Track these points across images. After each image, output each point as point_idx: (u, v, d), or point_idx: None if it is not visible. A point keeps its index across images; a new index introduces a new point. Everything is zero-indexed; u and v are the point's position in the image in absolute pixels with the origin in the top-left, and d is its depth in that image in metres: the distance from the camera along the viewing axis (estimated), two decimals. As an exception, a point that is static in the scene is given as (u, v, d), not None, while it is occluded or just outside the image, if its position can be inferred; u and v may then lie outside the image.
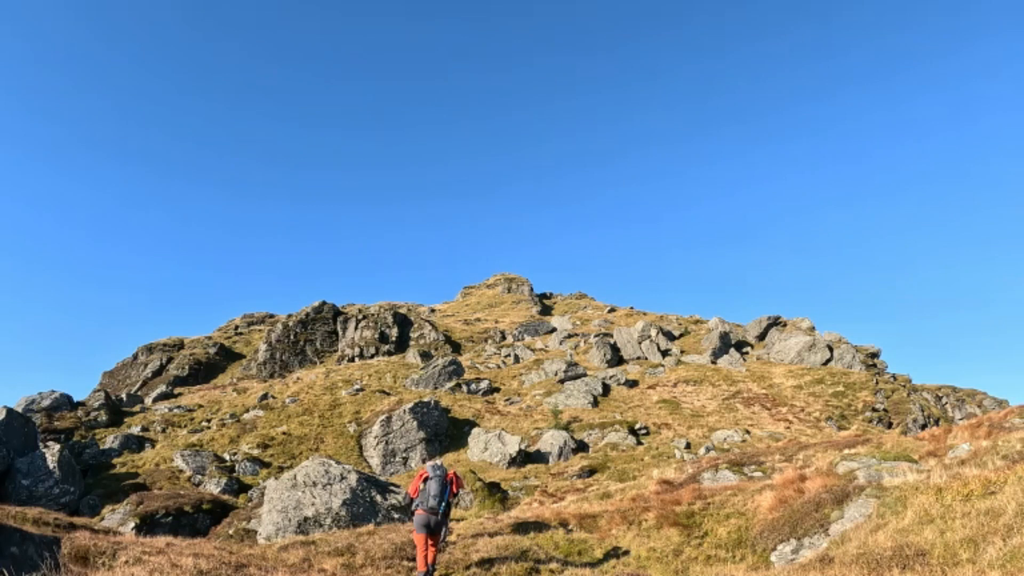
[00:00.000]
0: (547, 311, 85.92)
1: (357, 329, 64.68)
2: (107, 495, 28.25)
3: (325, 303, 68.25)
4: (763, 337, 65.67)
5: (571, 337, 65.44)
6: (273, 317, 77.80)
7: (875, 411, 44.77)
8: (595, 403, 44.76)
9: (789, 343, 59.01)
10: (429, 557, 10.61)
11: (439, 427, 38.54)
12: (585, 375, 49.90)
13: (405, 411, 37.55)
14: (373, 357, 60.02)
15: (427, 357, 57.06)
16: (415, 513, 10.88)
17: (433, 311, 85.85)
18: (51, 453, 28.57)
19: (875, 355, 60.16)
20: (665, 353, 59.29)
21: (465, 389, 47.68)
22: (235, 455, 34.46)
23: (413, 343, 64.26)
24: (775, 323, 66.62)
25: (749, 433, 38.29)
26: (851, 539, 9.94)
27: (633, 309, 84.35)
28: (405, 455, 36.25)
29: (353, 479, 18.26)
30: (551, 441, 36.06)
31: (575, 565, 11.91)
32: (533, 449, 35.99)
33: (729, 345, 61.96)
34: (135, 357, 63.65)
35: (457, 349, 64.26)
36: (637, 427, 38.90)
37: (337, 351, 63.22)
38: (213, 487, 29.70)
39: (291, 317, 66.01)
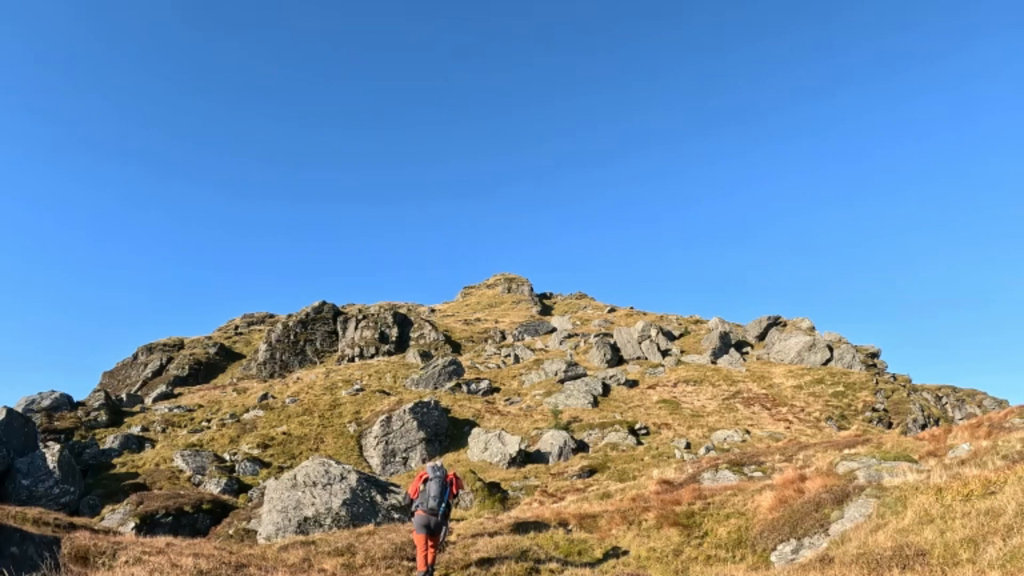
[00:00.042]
0: (547, 311, 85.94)
1: (357, 329, 64.69)
2: (107, 495, 28.25)
3: (325, 303, 68.26)
4: (763, 337, 65.68)
5: (571, 337, 65.45)
6: (273, 317, 77.82)
7: (875, 411, 44.77)
8: (595, 403, 44.77)
9: (789, 343, 59.02)
10: (429, 557, 10.64)
11: (439, 427, 38.55)
12: (585, 375, 49.90)
13: (405, 411, 37.56)
14: (373, 357, 60.03)
15: (427, 357, 57.06)
16: (415, 514, 10.91)
17: (433, 311, 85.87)
18: (51, 453, 28.57)
19: (875, 355, 60.17)
20: (665, 353, 59.31)
21: (465, 389, 47.68)
22: (235, 455, 34.46)
23: (413, 343, 64.28)
24: (775, 323, 66.63)
25: (749, 433, 38.29)
26: (851, 539, 9.94)
27: (633, 309, 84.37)
28: (405, 455, 36.26)
29: (353, 479, 18.27)
30: (551, 441, 36.06)
31: (575, 565, 11.92)
32: (533, 449, 35.99)
33: (729, 345, 61.97)
34: (135, 357, 63.67)
35: (457, 349, 64.28)
36: (637, 427, 38.91)
37: (337, 351, 63.23)
38: (213, 487, 29.70)
39: (291, 317, 66.02)
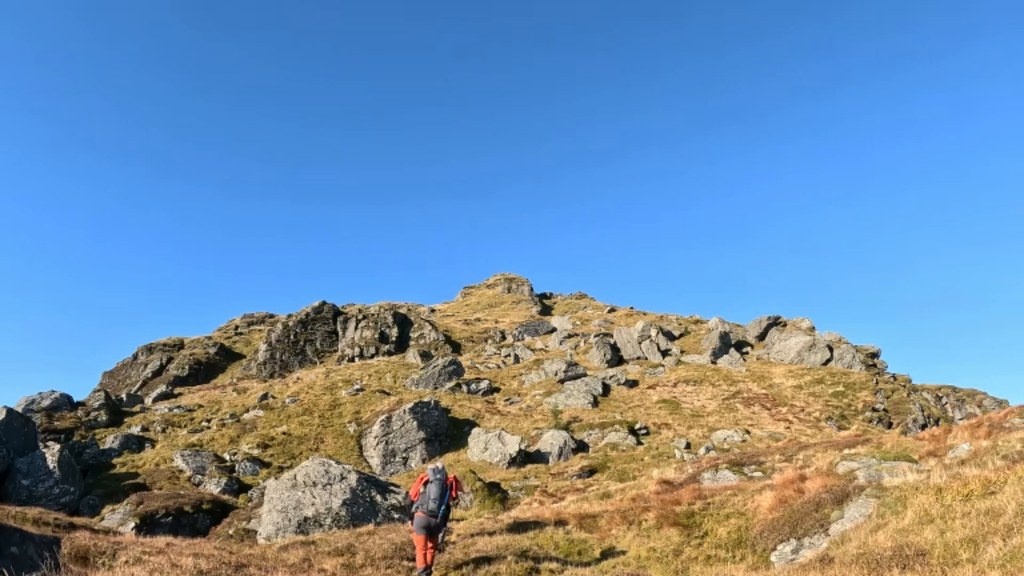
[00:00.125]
0: (547, 311, 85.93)
1: (357, 329, 64.69)
2: (107, 495, 28.24)
3: (325, 303, 68.26)
4: (763, 337, 65.68)
5: (571, 337, 65.44)
6: (273, 317, 77.82)
7: (875, 411, 44.76)
8: (595, 403, 44.76)
9: (789, 343, 59.01)
10: (428, 557, 10.73)
11: (439, 427, 38.54)
12: (585, 375, 49.89)
13: (405, 411, 37.55)
14: (373, 357, 60.03)
15: (427, 357, 57.06)
16: (415, 515, 10.99)
17: (433, 311, 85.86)
18: (51, 453, 28.57)
19: (875, 355, 60.16)
20: (665, 353, 59.30)
21: (465, 389, 47.68)
22: (235, 455, 34.46)
23: (413, 343, 64.27)
24: (775, 323, 66.62)
25: (749, 433, 38.28)
26: (851, 539, 9.94)
27: (633, 309, 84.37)
28: (405, 455, 36.25)
29: (353, 479, 18.27)
30: (551, 441, 36.06)
31: (575, 565, 11.91)
32: (533, 449, 35.99)
33: (729, 345, 61.96)
34: (135, 357, 63.67)
35: (457, 349, 64.27)
36: (637, 427, 38.90)
37: (337, 351, 63.23)
38: (213, 487, 29.70)
39: (291, 317, 66.02)
